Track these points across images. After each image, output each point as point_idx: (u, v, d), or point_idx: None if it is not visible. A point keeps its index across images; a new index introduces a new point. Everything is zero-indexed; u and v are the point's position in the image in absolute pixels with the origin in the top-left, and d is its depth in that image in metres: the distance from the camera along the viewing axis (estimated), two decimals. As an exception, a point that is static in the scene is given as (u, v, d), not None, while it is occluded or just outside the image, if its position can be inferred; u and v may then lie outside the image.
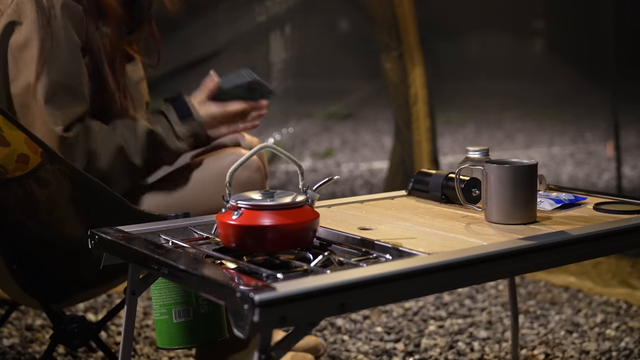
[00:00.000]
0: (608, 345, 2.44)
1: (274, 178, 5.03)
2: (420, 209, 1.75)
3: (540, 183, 1.81)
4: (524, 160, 1.61)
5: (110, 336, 2.54)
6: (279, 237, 1.36)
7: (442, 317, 2.71)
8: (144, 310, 2.77)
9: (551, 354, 2.39)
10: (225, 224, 1.38)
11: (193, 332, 1.54)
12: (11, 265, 1.76)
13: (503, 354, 2.40)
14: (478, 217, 1.65)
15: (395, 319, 2.70)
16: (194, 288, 1.37)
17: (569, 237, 1.47)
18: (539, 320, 2.68)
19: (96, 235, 1.52)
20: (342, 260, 1.36)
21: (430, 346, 2.46)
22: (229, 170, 1.40)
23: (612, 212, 1.68)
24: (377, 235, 1.49)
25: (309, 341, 2.33)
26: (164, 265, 1.33)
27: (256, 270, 1.29)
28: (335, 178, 1.58)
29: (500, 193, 1.58)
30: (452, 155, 5.93)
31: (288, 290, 1.16)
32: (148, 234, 1.55)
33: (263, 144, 1.42)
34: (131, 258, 1.45)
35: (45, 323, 2.62)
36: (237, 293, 1.15)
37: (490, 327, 2.62)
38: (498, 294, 2.94)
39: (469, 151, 1.78)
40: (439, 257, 1.33)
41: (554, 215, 1.66)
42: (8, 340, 2.48)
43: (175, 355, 2.39)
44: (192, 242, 1.51)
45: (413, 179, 1.87)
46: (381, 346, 2.46)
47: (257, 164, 1.92)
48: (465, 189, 1.70)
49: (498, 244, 1.42)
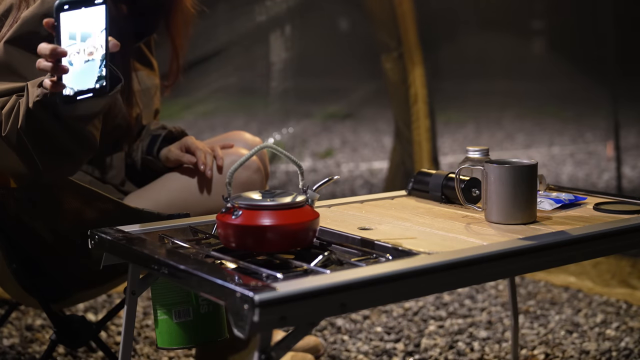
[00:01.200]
0: (608, 345, 2.44)
1: (274, 178, 5.03)
2: (420, 209, 1.75)
3: (540, 183, 1.81)
4: (524, 160, 1.61)
5: (110, 336, 2.54)
6: (279, 237, 1.36)
7: (442, 317, 2.71)
8: (144, 310, 2.77)
9: (551, 354, 2.39)
10: (225, 224, 1.38)
11: (193, 332, 1.54)
12: (11, 265, 1.77)
13: (503, 354, 2.40)
14: (478, 217, 1.65)
15: (395, 319, 2.70)
16: (194, 288, 1.37)
17: (569, 237, 1.47)
18: (539, 320, 2.68)
19: (96, 235, 1.52)
20: (342, 260, 1.36)
21: (430, 346, 2.46)
22: (229, 171, 1.40)
23: (612, 212, 1.68)
24: (377, 235, 1.49)
25: (309, 341, 2.33)
26: (164, 265, 1.33)
27: (256, 270, 1.29)
28: (335, 178, 1.58)
29: (500, 193, 1.58)
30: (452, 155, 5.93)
31: (288, 290, 1.16)
32: (148, 234, 1.55)
33: (263, 144, 1.42)
34: (131, 258, 1.45)
35: (45, 323, 2.62)
36: (237, 293, 1.15)
37: (490, 327, 2.62)
38: (498, 294, 2.94)
39: (469, 151, 1.78)
40: (439, 257, 1.33)
41: (554, 215, 1.66)
42: (8, 340, 2.48)
43: (175, 355, 2.39)
44: (192, 242, 1.51)
45: (413, 179, 1.87)
46: (381, 346, 2.46)
47: (257, 165, 1.92)
48: (465, 189, 1.70)
49: (498, 244, 1.42)
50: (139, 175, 2.02)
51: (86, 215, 1.73)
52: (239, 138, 2.08)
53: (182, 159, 1.92)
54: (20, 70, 1.61)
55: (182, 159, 1.92)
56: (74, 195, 1.72)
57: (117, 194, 1.94)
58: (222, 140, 2.08)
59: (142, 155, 2.00)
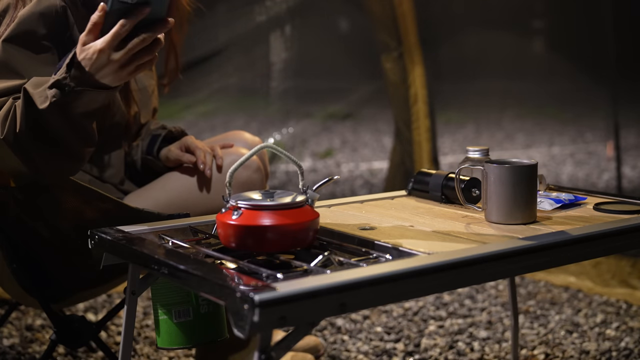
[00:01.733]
0: (608, 345, 2.44)
1: (274, 178, 5.03)
2: (420, 209, 1.75)
3: (540, 183, 1.81)
4: (524, 160, 1.61)
5: (110, 336, 2.54)
6: (279, 237, 1.36)
7: (442, 317, 2.71)
8: (144, 310, 2.77)
9: (551, 354, 2.39)
10: (225, 224, 1.38)
11: (193, 332, 1.54)
12: (11, 265, 1.77)
13: (503, 354, 2.40)
14: (478, 217, 1.65)
15: (395, 319, 2.70)
16: (194, 288, 1.37)
17: (569, 237, 1.47)
18: (539, 320, 2.68)
19: (96, 235, 1.52)
20: (342, 260, 1.36)
21: (430, 346, 2.46)
22: (229, 170, 1.40)
23: (612, 212, 1.68)
24: (377, 235, 1.49)
25: (309, 341, 2.33)
26: (164, 265, 1.33)
27: (256, 270, 1.29)
28: (335, 178, 1.58)
29: (500, 193, 1.58)
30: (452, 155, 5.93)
31: (288, 290, 1.16)
32: (148, 234, 1.55)
33: (263, 144, 1.42)
34: (131, 258, 1.45)
35: (45, 323, 2.62)
36: (237, 293, 1.15)
37: (490, 327, 2.62)
38: (498, 294, 2.94)
39: (469, 151, 1.78)
40: (439, 257, 1.33)
41: (554, 215, 1.66)
42: (8, 340, 2.48)
43: (175, 355, 2.39)
44: (192, 242, 1.51)
45: (413, 179, 1.87)
46: (381, 346, 2.46)
47: (257, 164, 1.92)
48: (465, 189, 1.70)
49: (498, 244, 1.42)
50: (139, 175, 2.02)
51: (86, 215, 1.73)
52: (239, 138, 2.08)
53: (182, 158, 1.92)
54: (18, 68, 1.62)
55: (182, 159, 1.93)
56: (74, 195, 1.72)
57: (116, 192, 1.94)
58: (222, 140, 2.07)
59: (142, 155, 2.00)
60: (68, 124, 1.53)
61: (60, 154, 1.58)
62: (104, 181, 1.94)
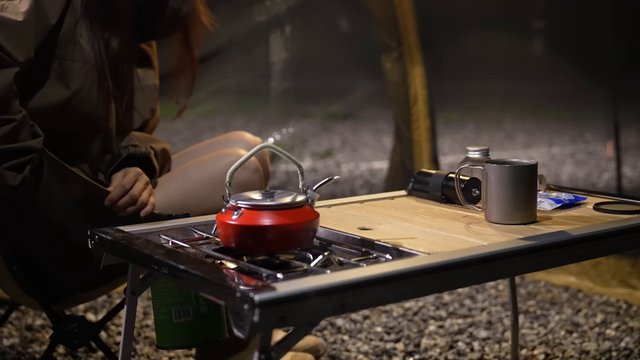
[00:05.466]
0: (608, 345, 2.44)
1: (274, 178, 5.03)
2: (420, 209, 1.75)
3: (540, 183, 1.81)
4: (524, 160, 1.61)
5: (110, 336, 2.54)
6: (279, 237, 1.36)
7: (442, 317, 2.71)
8: (144, 310, 2.77)
9: (551, 354, 2.39)
10: (225, 224, 1.38)
11: (193, 332, 1.54)
12: (11, 266, 1.76)
13: (503, 354, 2.40)
14: (478, 217, 1.65)
15: (395, 319, 2.70)
16: (194, 288, 1.37)
17: (569, 237, 1.47)
18: (539, 320, 2.68)
19: (96, 235, 1.52)
20: (342, 260, 1.37)
21: (430, 346, 2.46)
22: (228, 171, 1.40)
23: (612, 212, 1.68)
24: (377, 235, 1.49)
25: (309, 341, 2.33)
26: (164, 265, 1.33)
27: (256, 270, 1.29)
28: (335, 178, 1.58)
29: (500, 193, 1.58)
30: (452, 155, 5.93)
31: (288, 290, 1.16)
32: (148, 234, 1.55)
33: (263, 144, 1.42)
34: (131, 258, 1.45)
35: (45, 323, 2.62)
36: (237, 293, 1.15)
37: (490, 327, 2.62)
38: (498, 294, 2.93)
39: (469, 151, 1.78)
40: (439, 257, 1.33)
41: (554, 215, 1.66)
42: (8, 340, 2.48)
43: (175, 355, 2.39)
44: (192, 242, 1.51)
45: (413, 179, 1.87)
46: (381, 346, 2.46)
47: (256, 165, 1.92)
48: (465, 189, 1.70)
49: (498, 244, 1.42)
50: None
51: (86, 215, 1.73)
52: (239, 138, 2.08)
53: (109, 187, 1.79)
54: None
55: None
56: (74, 194, 1.72)
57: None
58: (222, 140, 2.08)
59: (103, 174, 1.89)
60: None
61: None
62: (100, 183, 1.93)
